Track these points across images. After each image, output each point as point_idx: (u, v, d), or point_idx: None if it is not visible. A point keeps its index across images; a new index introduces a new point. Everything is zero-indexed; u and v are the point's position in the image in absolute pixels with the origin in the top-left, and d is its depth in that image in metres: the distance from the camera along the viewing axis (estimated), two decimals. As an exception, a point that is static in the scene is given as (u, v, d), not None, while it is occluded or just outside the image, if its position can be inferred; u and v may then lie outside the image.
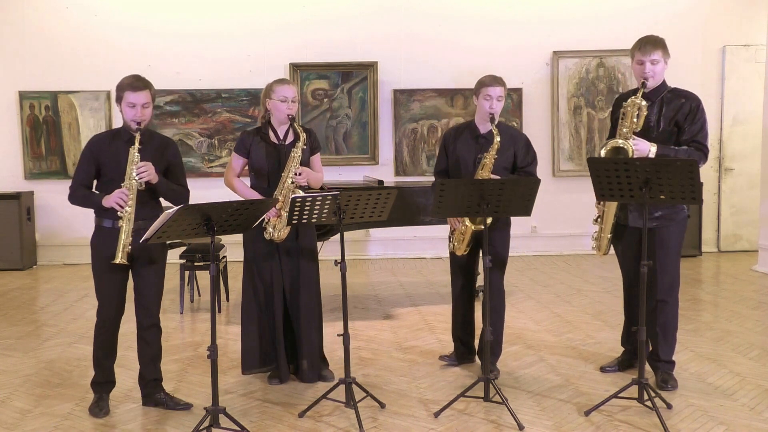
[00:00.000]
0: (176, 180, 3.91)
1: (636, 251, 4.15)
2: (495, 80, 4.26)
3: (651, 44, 4.02)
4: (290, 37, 8.63)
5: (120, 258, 3.62)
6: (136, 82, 3.73)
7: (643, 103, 3.98)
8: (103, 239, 3.77)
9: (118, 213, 3.65)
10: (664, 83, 4.11)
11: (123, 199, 3.64)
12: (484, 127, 4.33)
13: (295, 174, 4.12)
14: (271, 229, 4.15)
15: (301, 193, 4.07)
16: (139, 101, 3.70)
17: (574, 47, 8.77)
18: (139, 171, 3.66)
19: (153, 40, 8.57)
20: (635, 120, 3.99)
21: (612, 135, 4.21)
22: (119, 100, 3.75)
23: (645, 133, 4.02)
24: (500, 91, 4.24)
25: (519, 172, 4.32)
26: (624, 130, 4.01)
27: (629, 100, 4.02)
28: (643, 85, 3.99)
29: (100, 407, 3.86)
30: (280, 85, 4.21)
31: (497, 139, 4.16)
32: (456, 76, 8.65)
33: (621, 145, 3.95)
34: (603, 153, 3.97)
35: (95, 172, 3.79)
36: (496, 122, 4.21)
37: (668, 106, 4.04)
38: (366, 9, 8.68)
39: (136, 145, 3.68)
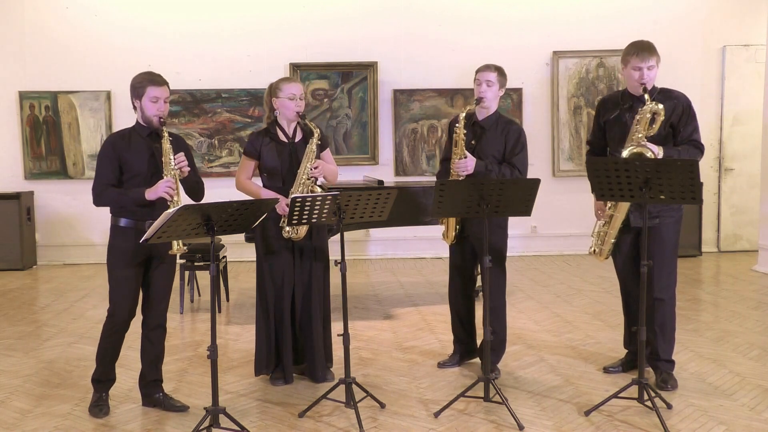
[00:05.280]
0: (192, 173, 3.90)
1: (632, 251, 4.15)
2: (486, 66, 4.37)
3: (647, 51, 4.02)
4: (290, 37, 8.63)
5: (177, 247, 3.64)
6: (157, 77, 3.75)
7: (660, 106, 3.92)
8: (121, 239, 3.75)
9: (168, 202, 3.65)
10: (654, 86, 4.12)
11: (171, 188, 3.64)
12: (480, 114, 4.40)
13: (312, 168, 4.13)
14: (288, 228, 4.15)
15: (318, 188, 4.09)
16: (162, 95, 3.72)
17: (574, 47, 8.77)
18: (179, 161, 3.69)
19: (153, 40, 8.57)
20: (653, 125, 3.94)
21: (600, 137, 4.30)
22: (138, 96, 3.73)
23: None
24: (488, 76, 4.31)
25: (503, 164, 4.33)
26: (639, 135, 3.94)
27: (645, 107, 3.93)
28: (645, 90, 3.98)
29: (99, 407, 3.85)
30: (287, 83, 4.22)
31: (463, 114, 4.27)
32: (456, 76, 8.64)
33: (642, 152, 3.90)
34: (626, 155, 3.90)
35: (119, 171, 3.75)
36: (492, 107, 4.33)
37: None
38: (366, 9, 8.68)
39: (166, 137, 3.71)
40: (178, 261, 6.20)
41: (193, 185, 3.90)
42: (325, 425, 3.69)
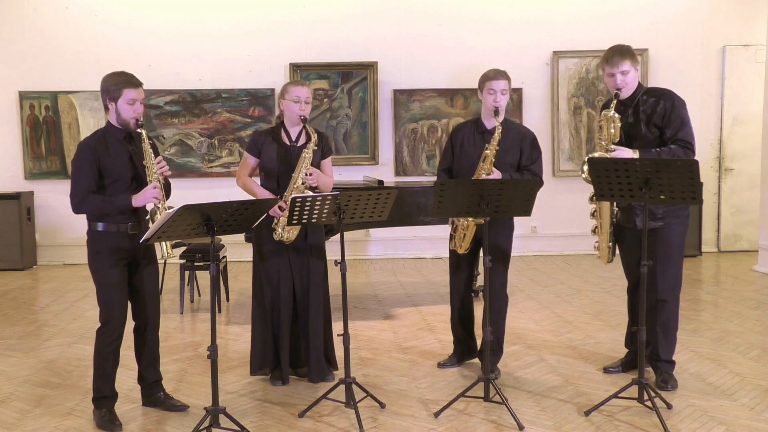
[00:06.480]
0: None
1: (639, 251, 4.14)
2: (498, 73, 4.27)
3: (619, 55, 4.02)
4: (290, 37, 8.64)
5: (167, 253, 3.62)
6: (133, 79, 3.68)
7: (616, 115, 3.99)
8: (103, 243, 3.70)
9: (155, 208, 3.62)
10: (639, 86, 4.11)
11: (158, 194, 3.62)
12: (490, 122, 4.31)
13: (306, 175, 4.12)
14: (280, 230, 4.14)
15: (308, 192, 4.09)
16: (139, 97, 3.67)
17: (574, 47, 8.77)
18: (160, 165, 3.67)
19: (153, 40, 8.57)
20: (612, 131, 4.00)
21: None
22: (114, 98, 3.63)
23: (628, 141, 4.04)
24: (504, 85, 4.23)
25: (523, 171, 4.31)
26: (603, 143, 4.02)
27: (602, 114, 4.04)
28: (617, 95, 4.00)
29: (112, 421, 3.70)
30: (294, 86, 4.25)
31: (498, 130, 4.17)
32: (456, 76, 8.65)
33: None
34: (587, 168, 3.89)
35: (98, 176, 3.67)
36: (501, 116, 4.23)
37: (643, 108, 4.04)
38: (366, 9, 8.69)
39: (146, 140, 3.67)
40: (179, 261, 6.22)
41: (165, 186, 3.82)
42: (325, 425, 3.69)
